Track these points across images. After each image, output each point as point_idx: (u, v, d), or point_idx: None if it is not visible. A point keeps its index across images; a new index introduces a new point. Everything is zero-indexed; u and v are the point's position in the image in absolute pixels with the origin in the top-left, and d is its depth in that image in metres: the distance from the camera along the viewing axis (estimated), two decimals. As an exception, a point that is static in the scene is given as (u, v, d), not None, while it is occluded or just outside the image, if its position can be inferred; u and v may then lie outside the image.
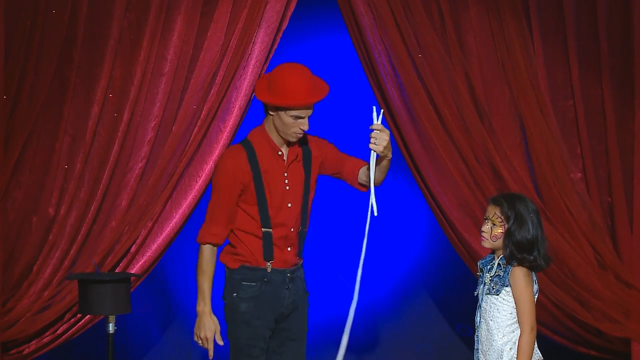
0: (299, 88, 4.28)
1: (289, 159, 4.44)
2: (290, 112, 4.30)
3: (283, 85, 4.27)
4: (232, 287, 4.44)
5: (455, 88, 5.43)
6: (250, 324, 4.40)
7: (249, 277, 4.42)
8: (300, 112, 4.31)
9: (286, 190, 4.39)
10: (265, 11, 5.31)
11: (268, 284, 4.42)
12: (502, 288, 4.10)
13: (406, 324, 6.29)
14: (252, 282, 4.42)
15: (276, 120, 4.36)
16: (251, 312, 4.40)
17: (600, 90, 5.52)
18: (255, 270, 4.42)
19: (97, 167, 5.22)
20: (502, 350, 4.10)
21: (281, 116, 4.32)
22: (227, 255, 4.49)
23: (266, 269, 4.42)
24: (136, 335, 5.98)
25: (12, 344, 5.16)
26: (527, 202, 4.14)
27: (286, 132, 4.36)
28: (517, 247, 4.07)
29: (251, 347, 4.41)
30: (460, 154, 5.45)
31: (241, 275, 4.43)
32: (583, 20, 5.51)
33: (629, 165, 5.52)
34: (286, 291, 4.46)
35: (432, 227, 6.04)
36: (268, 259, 4.41)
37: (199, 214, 5.62)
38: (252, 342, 4.41)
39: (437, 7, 5.43)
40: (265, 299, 4.42)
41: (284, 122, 4.33)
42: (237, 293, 4.42)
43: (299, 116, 4.31)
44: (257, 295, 4.41)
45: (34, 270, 5.17)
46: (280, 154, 4.42)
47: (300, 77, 4.31)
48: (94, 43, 5.20)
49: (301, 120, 4.33)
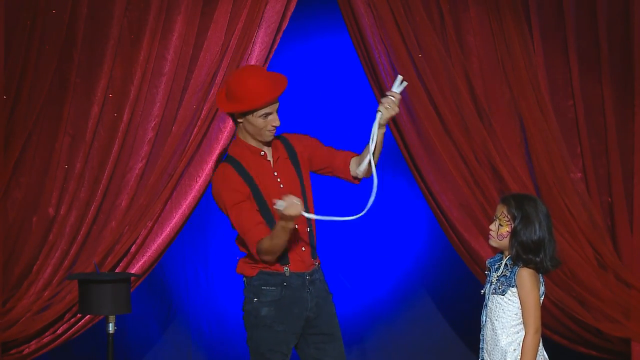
0: (259, 86, 4.26)
1: (274, 157, 4.41)
2: (258, 112, 4.28)
3: (243, 89, 4.25)
4: (252, 293, 4.38)
5: (455, 88, 5.43)
6: (273, 328, 4.33)
7: (268, 282, 4.36)
8: (268, 109, 4.29)
9: (281, 188, 4.35)
10: (265, 11, 5.31)
11: (288, 288, 4.36)
12: (508, 288, 4.10)
13: (406, 324, 6.29)
14: (272, 286, 4.36)
15: (247, 126, 4.33)
16: (273, 316, 4.34)
17: (600, 90, 5.52)
18: (274, 275, 4.36)
19: (97, 167, 5.22)
20: (506, 350, 4.09)
21: (250, 120, 4.30)
22: (244, 265, 4.44)
23: (284, 273, 4.37)
24: (136, 335, 5.98)
25: (12, 344, 5.16)
26: (537, 204, 4.12)
27: (260, 133, 4.34)
28: (522, 247, 4.06)
29: (273, 352, 4.33)
30: (460, 154, 5.44)
31: (260, 281, 4.37)
32: (583, 20, 5.51)
33: (629, 165, 5.52)
34: (307, 294, 4.40)
35: (432, 227, 6.04)
36: (284, 263, 4.36)
37: (199, 214, 5.64)
38: (274, 347, 4.34)
39: (437, 7, 5.43)
40: (286, 303, 4.36)
41: (255, 125, 4.31)
42: (258, 298, 4.36)
43: (267, 113, 4.29)
44: (278, 300, 4.35)
45: (34, 270, 5.17)
46: (263, 155, 4.39)
47: (256, 76, 4.29)
48: (94, 43, 5.20)
49: (271, 116, 4.31)
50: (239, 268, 4.47)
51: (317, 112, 6.19)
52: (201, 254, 6.11)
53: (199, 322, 6.08)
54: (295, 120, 6.13)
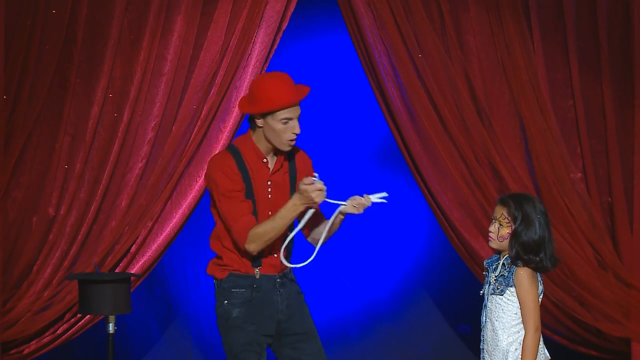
0: (283, 89, 4.24)
1: (274, 168, 4.38)
2: (279, 114, 4.23)
3: (266, 91, 4.23)
4: (223, 295, 4.38)
5: (455, 88, 5.43)
6: (244, 328, 4.34)
7: (238, 284, 4.37)
8: (289, 113, 4.25)
9: (268, 199, 4.35)
10: (265, 11, 5.31)
11: (258, 290, 4.37)
12: (507, 288, 4.10)
13: (406, 324, 6.29)
14: (242, 288, 4.37)
15: (267, 130, 4.29)
16: (243, 316, 4.35)
17: (600, 90, 5.52)
18: (244, 277, 4.37)
19: (97, 167, 5.22)
20: (508, 350, 4.09)
21: (270, 123, 4.26)
22: (215, 267, 4.44)
23: (254, 275, 4.37)
24: (136, 335, 5.98)
25: (12, 344, 5.16)
26: (535, 203, 4.13)
27: (279, 140, 4.29)
28: (523, 248, 4.06)
29: (247, 352, 4.33)
30: (460, 154, 5.45)
31: (230, 283, 4.38)
32: (583, 20, 5.51)
33: (629, 165, 5.52)
34: (278, 297, 4.41)
35: (432, 227, 6.04)
36: (256, 265, 4.37)
37: (199, 214, 5.63)
38: (247, 347, 4.34)
39: (437, 7, 5.43)
40: (257, 304, 4.37)
41: (275, 129, 4.26)
42: (229, 300, 4.37)
43: (288, 118, 4.25)
44: (248, 301, 4.37)
45: (34, 270, 5.17)
46: (265, 162, 4.36)
47: (280, 79, 4.28)
48: (94, 43, 5.20)
49: (292, 123, 4.26)
50: (210, 269, 4.46)
51: (317, 112, 6.19)
52: (201, 254, 6.10)
53: (199, 322, 6.08)
54: (295, 120, 6.13)
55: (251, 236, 4.25)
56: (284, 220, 4.24)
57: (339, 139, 6.26)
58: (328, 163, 6.19)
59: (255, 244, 4.26)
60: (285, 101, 4.23)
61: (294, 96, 4.25)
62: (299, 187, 4.19)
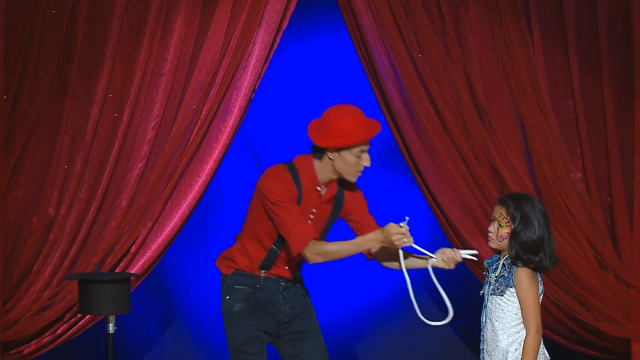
0: (360, 124, 4.33)
1: (324, 198, 4.47)
2: (354, 149, 4.33)
3: (345, 126, 4.31)
4: (226, 291, 4.48)
5: (455, 88, 5.43)
6: (245, 322, 4.41)
7: (241, 282, 4.46)
8: (364, 146, 4.35)
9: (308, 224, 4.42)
10: (265, 11, 5.31)
11: (261, 290, 4.45)
12: (507, 289, 4.10)
13: (406, 324, 6.28)
14: (244, 286, 4.45)
15: (338, 162, 4.37)
16: (245, 311, 4.43)
17: (600, 90, 5.52)
18: (249, 276, 4.46)
19: (97, 167, 5.22)
20: (507, 350, 4.09)
21: (344, 156, 4.35)
22: (222, 262, 4.53)
23: (259, 276, 4.45)
24: (136, 335, 5.98)
25: (12, 344, 5.16)
26: (534, 203, 4.13)
27: (350, 172, 4.38)
28: (522, 247, 4.06)
29: (248, 344, 4.41)
30: (460, 154, 5.44)
31: (233, 280, 4.47)
32: (583, 20, 5.51)
33: (629, 165, 5.52)
34: (281, 299, 4.48)
35: (432, 227, 6.03)
36: (264, 268, 4.45)
37: (199, 214, 5.63)
38: (248, 339, 4.41)
39: (437, 7, 5.43)
40: (259, 302, 4.45)
41: (347, 162, 4.35)
42: (230, 295, 4.45)
43: (363, 151, 4.35)
44: (250, 298, 4.44)
45: (34, 270, 5.17)
46: (318, 189, 4.44)
47: (357, 114, 4.37)
48: (94, 43, 5.20)
49: (365, 155, 4.36)
50: (218, 262, 4.54)
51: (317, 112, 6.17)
52: (201, 254, 6.11)
53: (199, 322, 6.08)
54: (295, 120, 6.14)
55: (317, 249, 4.31)
56: (355, 247, 4.33)
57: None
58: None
59: (319, 257, 4.32)
60: (364, 137, 4.33)
61: (371, 131, 4.36)
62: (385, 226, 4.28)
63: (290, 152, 6.18)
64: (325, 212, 4.50)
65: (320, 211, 4.48)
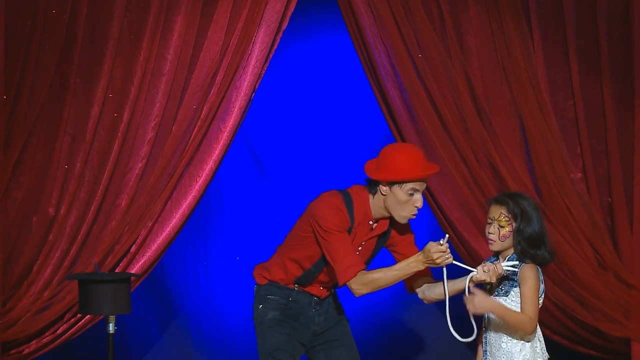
0: (416, 161, 4.34)
1: (374, 233, 4.49)
2: (407, 185, 4.32)
3: (400, 161, 4.32)
4: (258, 301, 4.53)
5: (455, 88, 5.43)
6: (277, 330, 4.45)
7: (274, 292, 4.50)
8: (417, 185, 4.34)
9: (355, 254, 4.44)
10: (265, 11, 5.31)
11: (294, 302, 4.51)
12: (511, 289, 4.10)
13: (406, 324, 6.28)
14: (277, 296, 4.50)
15: (390, 199, 4.37)
16: (277, 319, 4.47)
17: (600, 90, 5.52)
18: (282, 288, 4.51)
19: (97, 167, 5.22)
20: (512, 352, 4.09)
21: (396, 192, 4.35)
22: (259, 271, 4.58)
23: (293, 289, 4.50)
24: (136, 335, 5.98)
25: (12, 344, 5.16)
26: (528, 199, 4.18)
27: (401, 212, 4.38)
28: (528, 243, 4.09)
29: (280, 351, 4.44)
30: (460, 154, 5.45)
31: (267, 291, 4.52)
32: (583, 20, 5.51)
33: (629, 165, 5.52)
34: (314, 313, 4.53)
35: (432, 227, 6.03)
36: (298, 284, 4.51)
37: (199, 214, 5.63)
38: (281, 346, 4.45)
39: (437, 7, 5.43)
40: (292, 313, 4.50)
41: (399, 199, 4.35)
42: (263, 304, 4.50)
43: (415, 189, 4.34)
44: (282, 308, 4.49)
45: (34, 270, 5.17)
46: (370, 224, 4.46)
47: (414, 151, 4.40)
48: (94, 43, 5.20)
49: (417, 195, 4.35)
50: (255, 273, 4.58)
51: (317, 111, 6.19)
52: (201, 254, 6.11)
53: (199, 322, 6.08)
54: (295, 120, 6.14)
55: (362, 279, 4.31)
56: (399, 273, 4.32)
57: (339, 139, 6.25)
58: (328, 163, 6.19)
59: (366, 288, 4.33)
60: (418, 173, 4.32)
61: (426, 170, 4.35)
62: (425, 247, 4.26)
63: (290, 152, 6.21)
64: (371, 245, 4.54)
65: (368, 245, 4.52)
